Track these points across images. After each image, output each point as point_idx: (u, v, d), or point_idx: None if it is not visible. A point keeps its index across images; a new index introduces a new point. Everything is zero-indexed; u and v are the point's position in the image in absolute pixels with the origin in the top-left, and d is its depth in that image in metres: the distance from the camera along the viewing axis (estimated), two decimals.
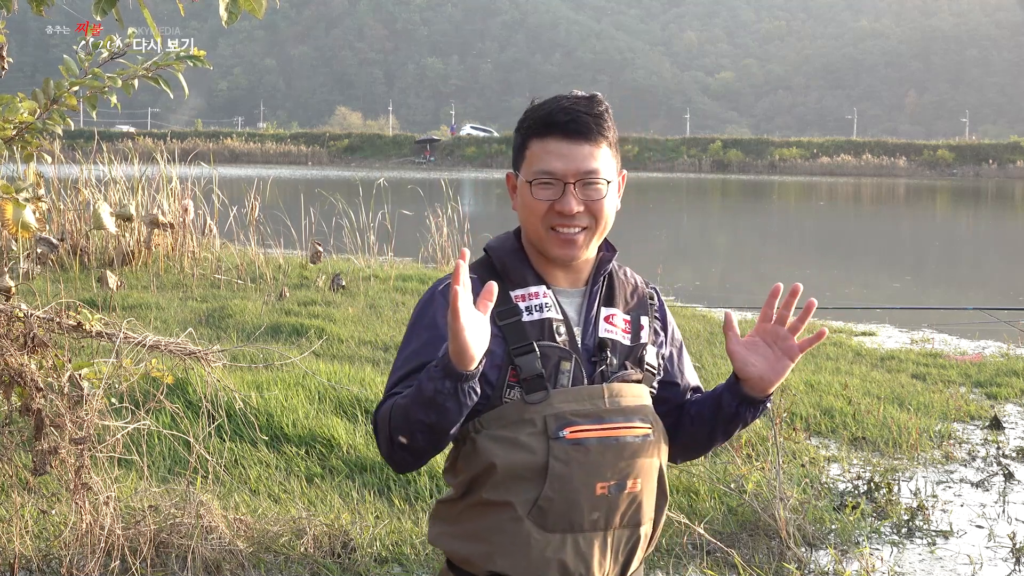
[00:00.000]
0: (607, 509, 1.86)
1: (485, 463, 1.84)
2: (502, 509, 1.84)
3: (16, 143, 3.35)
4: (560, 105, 1.89)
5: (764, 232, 25.94)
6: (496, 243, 2.00)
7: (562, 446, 1.82)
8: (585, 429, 1.83)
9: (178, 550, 3.78)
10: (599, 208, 1.90)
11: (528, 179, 1.90)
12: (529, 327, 1.87)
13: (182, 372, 4.70)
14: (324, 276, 10.88)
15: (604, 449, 1.84)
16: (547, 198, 1.88)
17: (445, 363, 1.70)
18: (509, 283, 1.92)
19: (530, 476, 1.82)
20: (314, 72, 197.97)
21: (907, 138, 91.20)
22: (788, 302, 1.93)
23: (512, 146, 1.99)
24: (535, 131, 1.91)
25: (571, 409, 1.83)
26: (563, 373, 1.86)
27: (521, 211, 1.94)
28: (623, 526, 1.89)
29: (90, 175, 11.36)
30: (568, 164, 1.87)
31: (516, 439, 1.82)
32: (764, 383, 1.92)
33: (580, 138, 1.88)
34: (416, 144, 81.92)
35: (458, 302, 1.63)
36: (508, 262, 1.95)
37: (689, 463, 4.96)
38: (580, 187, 1.88)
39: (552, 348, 1.86)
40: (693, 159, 76.37)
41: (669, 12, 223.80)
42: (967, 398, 6.80)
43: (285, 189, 17.14)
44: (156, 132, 60.87)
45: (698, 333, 8.92)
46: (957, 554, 4.24)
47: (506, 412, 1.84)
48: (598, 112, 1.89)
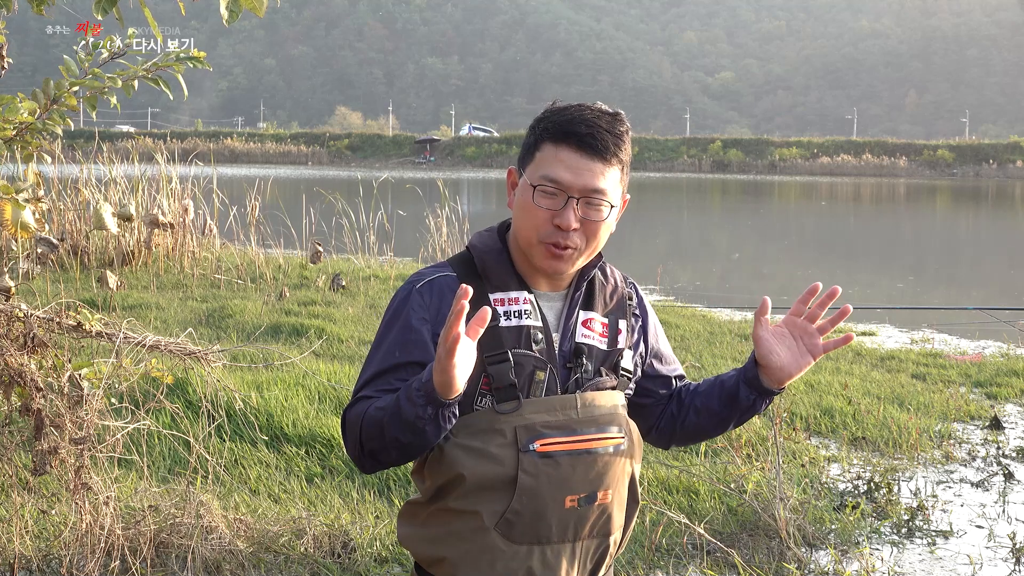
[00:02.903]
0: (576, 521, 1.83)
1: (453, 473, 1.80)
2: (468, 518, 1.81)
3: (16, 143, 3.35)
4: (583, 115, 1.82)
5: (764, 232, 25.93)
6: (479, 241, 1.93)
7: (532, 459, 1.78)
8: (556, 442, 1.80)
9: (178, 550, 3.78)
10: (595, 230, 1.83)
11: (532, 183, 1.82)
12: (505, 333, 1.82)
13: (182, 372, 4.70)
14: (324, 276, 10.88)
15: (575, 462, 1.81)
16: (547, 207, 1.81)
17: (428, 390, 1.65)
18: (489, 285, 1.86)
19: (498, 487, 1.79)
20: (314, 72, 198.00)
21: (907, 138, 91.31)
22: (824, 302, 1.92)
23: (522, 142, 1.92)
24: (551, 135, 1.83)
25: (542, 420, 1.80)
26: (537, 383, 1.81)
27: (517, 212, 1.87)
28: (592, 536, 1.87)
29: (90, 175, 11.36)
30: (576, 178, 1.80)
31: (485, 450, 1.78)
32: (783, 374, 1.91)
33: (595, 154, 1.81)
34: (416, 144, 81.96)
35: (456, 346, 1.58)
36: (490, 263, 1.89)
37: (689, 463, 4.96)
38: (583, 204, 1.81)
39: (527, 357, 1.82)
40: (693, 159, 76.41)
41: (669, 12, 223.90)
42: (967, 398, 6.80)
43: (285, 189, 17.14)
44: (156, 132, 60.86)
45: (698, 333, 8.92)
46: (957, 554, 4.24)
47: (476, 420, 1.80)
48: (619, 132, 1.83)
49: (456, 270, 1.89)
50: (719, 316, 10.24)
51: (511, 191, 1.92)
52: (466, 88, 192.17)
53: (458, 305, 1.56)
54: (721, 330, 9.13)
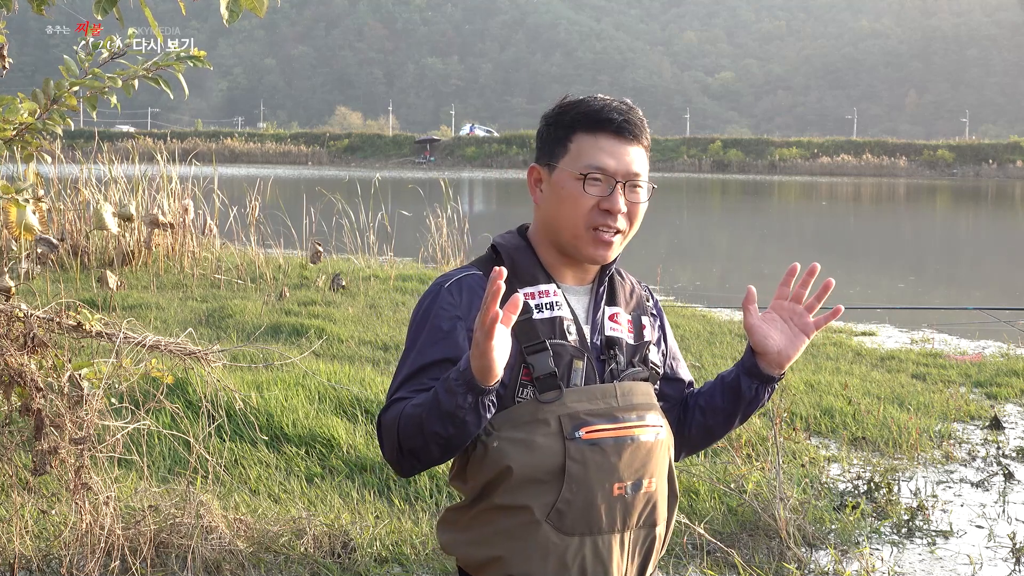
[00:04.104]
0: (624, 510, 1.84)
1: (500, 467, 1.79)
2: (518, 513, 1.80)
3: (16, 143, 3.35)
4: (611, 104, 1.88)
5: (764, 232, 25.93)
6: (504, 240, 1.96)
7: (578, 446, 1.79)
8: (600, 429, 1.81)
9: (178, 550, 3.78)
10: (637, 212, 1.90)
11: (580, 172, 1.85)
12: (540, 325, 1.84)
13: (182, 372, 4.70)
14: (324, 276, 10.88)
15: (620, 448, 1.82)
16: (596, 194, 1.85)
17: (468, 378, 1.66)
18: (518, 281, 1.88)
19: (547, 479, 1.79)
20: (314, 72, 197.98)
21: (907, 138, 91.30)
22: (805, 281, 1.96)
23: (542, 138, 1.93)
24: (584, 125, 1.87)
25: (585, 408, 1.81)
26: (575, 371, 1.83)
27: (556, 206, 1.89)
28: (640, 526, 1.87)
29: (90, 175, 11.36)
30: (620, 163, 1.86)
31: (531, 440, 1.79)
32: (781, 357, 1.94)
33: (632, 139, 1.88)
34: (416, 144, 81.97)
35: (495, 326, 1.59)
36: (517, 259, 1.91)
37: (689, 463, 4.96)
38: (627, 188, 1.87)
39: (564, 347, 1.84)
40: (693, 159, 76.44)
41: (669, 12, 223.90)
42: (967, 398, 6.80)
43: (285, 189, 17.14)
44: (156, 132, 60.84)
45: (698, 333, 8.92)
46: (957, 554, 4.24)
47: (519, 413, 1.81)
48: (641, 117, 1.90)
49: (482, 269, 1.90)
50: (719, 316, 10.24)
51: (535, 188, 1.94)
52: (466, 88, 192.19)
53: (494, 286, 1.57)
54: (721, 330, 9.13)
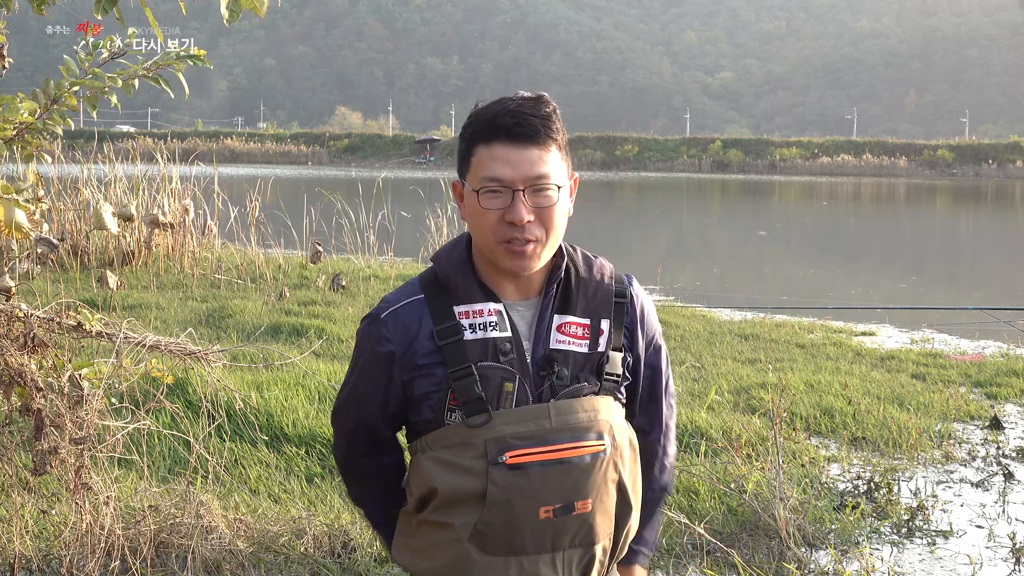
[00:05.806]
0: (552, 532, 1.79)
1: (428, 486, 1.81)
2: (445, 530, 1.81)
3: (16, 143, 3.35)
4: (505, 108, 1.77)
5: (764, 232, 25.92)
6: (443, 254, 1.89)
7: (501, 472, 1.75)
8: (527, 452, 1.76)
9: (178, 550, 3.78)
10: (550, 216, 1.78)
11: (475, 187, 1.78)
12: (470, 347, 1.79)
13: (182, 372, 4.70)
14: (324, 276, 10.88)
15: (547, 473, 1.77)
16: (496, 207, 1.76)
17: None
18: (455, 298, 1.82)
19: (470, 500, 1.78)
20: (314, 72, 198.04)
21: (907, 138, 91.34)
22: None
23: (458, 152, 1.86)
24: (480, 136, 1.79)
25: (513, 432, 1.76)
26: (505, 395, 1.78)
27: (470, 221, 1.82)
28: (574, 547, 1.82)
29: (90, 175, 11.36)
30: (516, 170, 1.75)
31: (457, 463, 1.78)
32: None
33: (528, 142, 1.76)
34: (416, 144, 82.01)
35: None
36: (453, 277, 1.84)
37: (689, 463, 4.96)
38: (530, 194, 1.76)
39: (494, 369, 1.78)
40: (693, 159, 76.47)
41: (669, 12, 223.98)
42: (967, 398, 6.80)
43: (285, 189, 17.13)
44: (156, 132, 60.87)
45: (698, 333, 8.92)
46: (957, 554, 4.24)
47: (449, 434, 1.80)
48: (545, 114, 1.77)
49: (424, 289, 1.86)
50: (719, 316, 10.24)
51: (461, 204, 1.87)
52: (466, 88, 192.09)
53: None
54: (721, 330, 9.13)
